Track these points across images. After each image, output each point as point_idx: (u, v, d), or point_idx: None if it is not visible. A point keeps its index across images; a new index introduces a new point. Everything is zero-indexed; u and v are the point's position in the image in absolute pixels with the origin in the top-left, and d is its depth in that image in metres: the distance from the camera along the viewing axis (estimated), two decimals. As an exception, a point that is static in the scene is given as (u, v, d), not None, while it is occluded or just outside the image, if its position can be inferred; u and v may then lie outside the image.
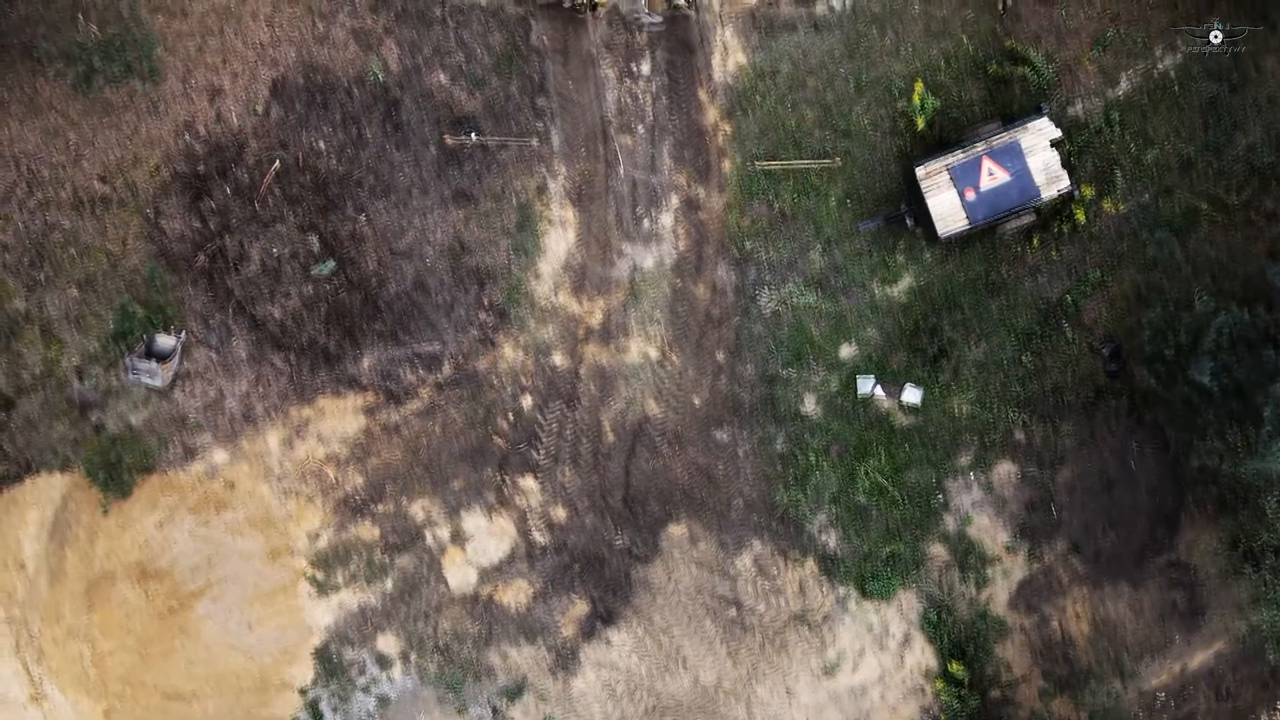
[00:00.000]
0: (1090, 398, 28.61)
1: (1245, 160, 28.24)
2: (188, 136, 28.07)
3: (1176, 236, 28.20)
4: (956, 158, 27.15)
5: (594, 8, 27.57)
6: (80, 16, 26.88)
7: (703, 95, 28.44)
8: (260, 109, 28.08)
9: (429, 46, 28.21)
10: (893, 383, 28.75)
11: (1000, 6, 28.27)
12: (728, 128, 28.45)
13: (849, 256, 28.57)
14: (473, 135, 27.97)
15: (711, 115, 28.43)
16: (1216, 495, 27.85)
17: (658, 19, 27.63)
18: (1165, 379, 26.02)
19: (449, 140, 27.92)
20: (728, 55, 28.42)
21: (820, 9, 28.45)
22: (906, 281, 28.67)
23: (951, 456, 28.86)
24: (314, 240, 27.78)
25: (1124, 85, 28.45)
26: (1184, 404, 25.89)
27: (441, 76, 28.25)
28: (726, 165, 28.44)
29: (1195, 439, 26.16)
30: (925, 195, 27.13)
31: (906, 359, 28.68)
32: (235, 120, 28.09)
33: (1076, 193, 27.34)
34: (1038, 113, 27.16)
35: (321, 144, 28.15)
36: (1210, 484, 27.69)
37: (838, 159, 28.24)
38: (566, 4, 27.07)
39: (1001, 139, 27.16)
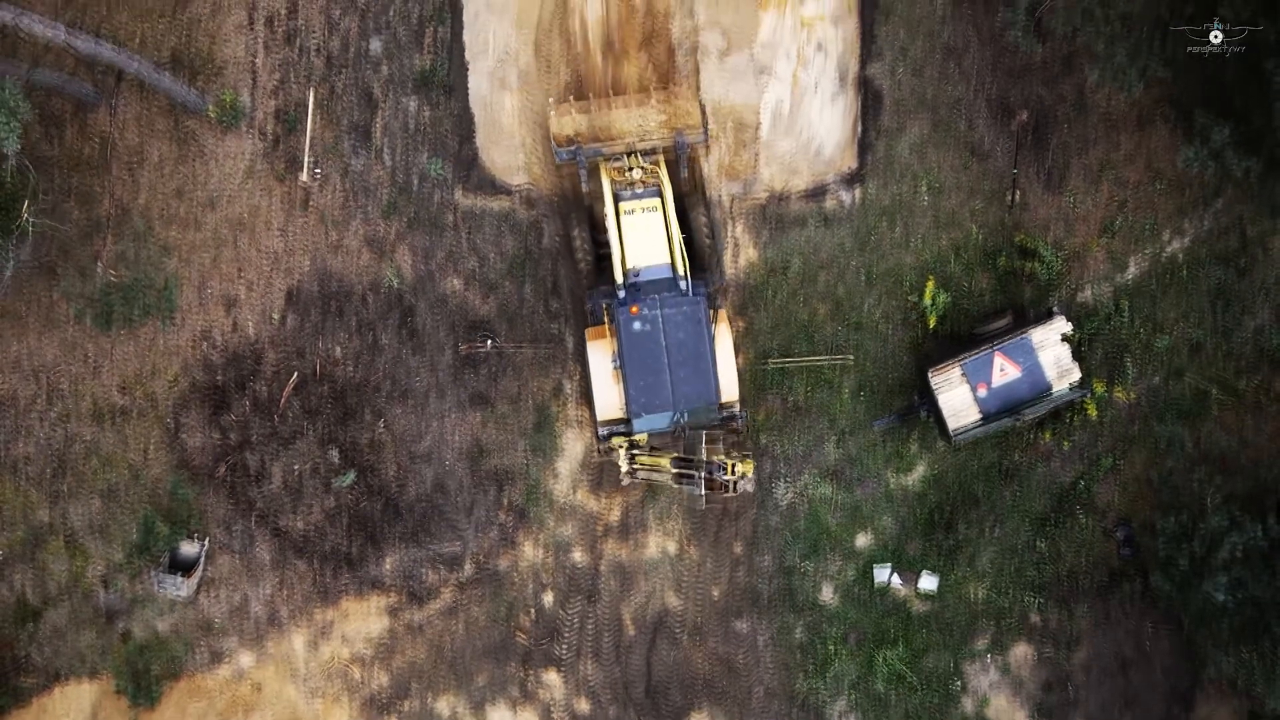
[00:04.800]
0: (1104, 581, 28.94)
1: (1254, 343, 28.50)
2: (205, 346, 28.34)
3: (1188, 422, 28.47)
4: (969, 355, 27.34)
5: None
6: (98, 264, 27.08)
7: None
8: (277, 317, 28.31)
9: (442, 252, 28.44)
10: (909, 570, 29.08)
11: (1009, 199, 28.47)
12: (740, 323, 28.67)
13: (863, 447, 28.85)
14: (488, 343, 28.20)
15: (724, 311, 28.61)
16: (1230, 674, 28.22)
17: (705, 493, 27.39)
18: (1180, 584, 26.34)
19: (464, 349, 28.16)
20: (739, 251, 28.64)
21: (830, 203, 28.65)
22: (920, 470, 28.96)
23: (968, 640, 29.22)
24: (334, 453, 28.06)
25: (1133, 270, 28.68)
26: (1199, 613, 26.22)
27: (455, 281, 28.48)
28: (740, 360, 28.64)
29: (1210, 647, 26.52)
30: (937, 393, 27.33)
31: (922, 546, 29.01)
32: (252, 329, 28.34)
33: (1090, 393, 27.59)
34: (1049, 315, 27.36)
35: (338, 351, 28.40)
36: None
37: (850, 356, 28.48)
38: (625, 480, 26.85)
39: (1013, 336, 27.38)
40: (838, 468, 28.90)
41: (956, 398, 27.44)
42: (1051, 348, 27.39)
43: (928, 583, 28.96)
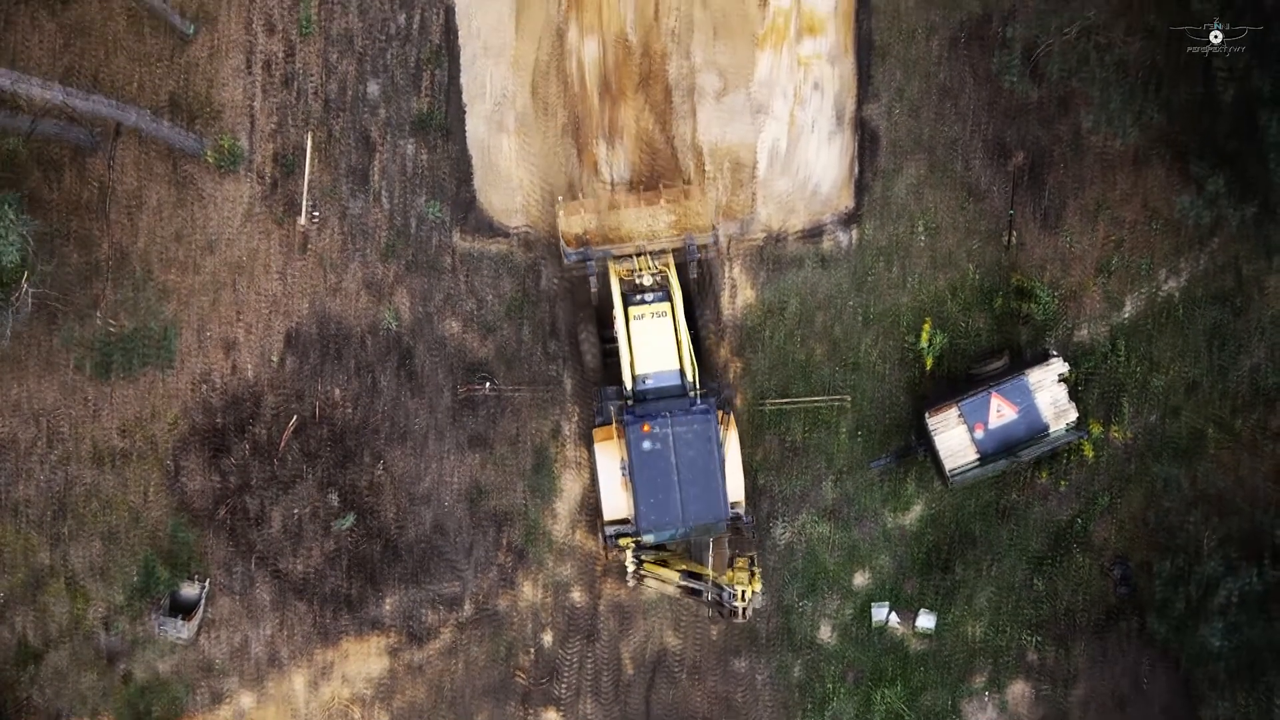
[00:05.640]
0: (1101, 618, 29.05)
1: (1250, 382, 28.62)
2: (204, 389, 28.41)
3: (1184, 461, 28.57)
4: (966, 396, 27.43)
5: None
6: (97, 313, 27.16)
7: (712, 333, 28.72)
8: (276, 360, 28.39)
9: (440, 295, 28.52)
10: (907, 608, 29.18)
11: (1006, 239, 28.55)
12: (738, 364, 28.77)
13: (860, 487, 28.95)
14: (486, 385, 28.29)
15: (722, 353, 28.74)
16: (1227, 717, 28.35)
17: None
18: (1176, 627, 26.45)
19: (462, 391, 28.25)
20: (736, 292, 28.72)
21: (827, 244, 28.72)
22: (918, 510, 29.07)
23: (966, 678, 29.33)
24: (333, 496, 28.15)
25: (1129, 309, 28.78)
26: (1195, 655, 26.34)
27: (453, 324, 28.57)
28: (738, 401, 28.75)
29: (1207, 689, 26.64)
30: (934, 434, 27.41)
31: (919, 585, 29.11)
32: (251, 372, 28.42)
33: (1086, 435, 27.69)
34: (1046, 356, 27.45)
35: (337, 393, 28.49)
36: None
37: (847, 397, 28.57)
38: (631, 583, 26.94)
39: (1010, 377, 27.46)
40: (835, 507, 29.00)
41: (953, 439, 27.53)
42: (1048, 388, 27.50)
43: (925, 621, 29.07)
